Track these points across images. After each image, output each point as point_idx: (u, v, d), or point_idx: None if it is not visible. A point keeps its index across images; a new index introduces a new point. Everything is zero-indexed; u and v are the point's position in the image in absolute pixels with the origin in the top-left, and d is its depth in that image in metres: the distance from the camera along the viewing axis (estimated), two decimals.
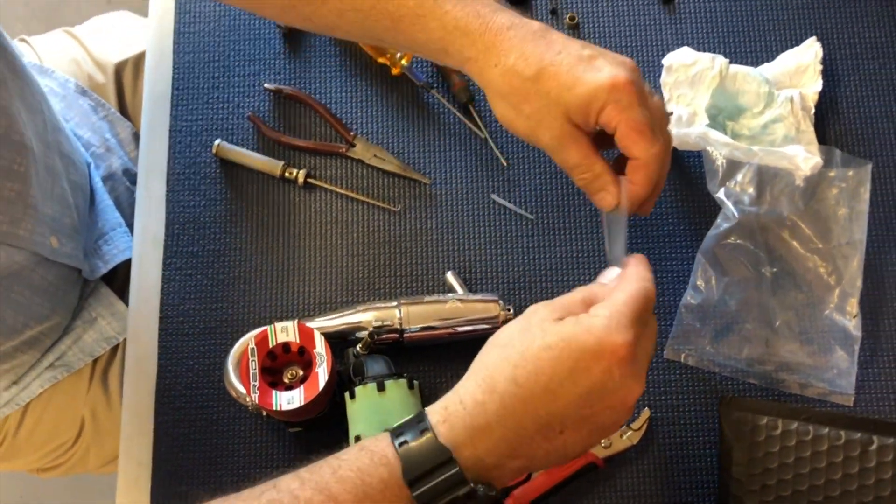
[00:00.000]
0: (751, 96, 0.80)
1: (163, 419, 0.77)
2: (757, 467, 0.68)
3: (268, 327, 0.68)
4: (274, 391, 0.66)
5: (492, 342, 0.58)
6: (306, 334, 0.68)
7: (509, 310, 0.74)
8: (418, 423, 0.54)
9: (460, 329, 0.74)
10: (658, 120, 0.63)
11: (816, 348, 0.76)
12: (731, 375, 0.77)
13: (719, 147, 0.77)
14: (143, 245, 0.82)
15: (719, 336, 0.77)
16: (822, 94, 0.80)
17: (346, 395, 0.69)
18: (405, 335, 0.73)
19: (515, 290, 0.79)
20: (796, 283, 0.78)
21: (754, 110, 0.80)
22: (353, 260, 0.80)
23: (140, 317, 0.80)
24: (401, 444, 0.53)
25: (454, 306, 0.74)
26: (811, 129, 0.78)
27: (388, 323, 0.73)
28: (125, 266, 0.95)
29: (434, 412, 0.55)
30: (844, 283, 0.77)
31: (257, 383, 0.66)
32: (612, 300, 0.55)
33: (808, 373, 0.76)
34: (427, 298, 0.75)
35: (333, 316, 0.74)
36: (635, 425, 0.75)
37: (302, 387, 0.66)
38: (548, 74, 0.61)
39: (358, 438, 0.66)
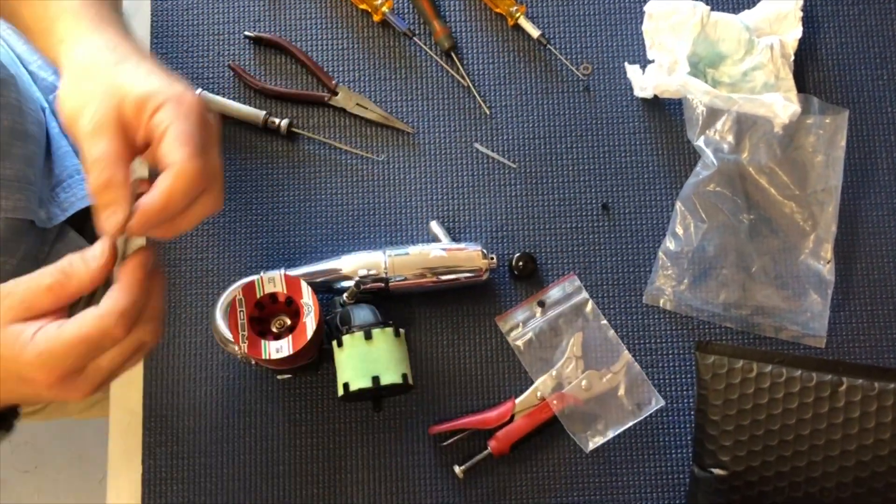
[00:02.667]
0: (731, 43, 0.80)
1: (152, 367, 0.78)
2: (732, 408, 0.70)
3: (255, 278, 0.69)
4: (263, 341, 0.67)
5: None
6: (293, 285, 0.69)
7: (492, 258, 0.76)
8: None
9: (444, 278, 0.75)
10: (213, 146, 0.60)
11: (791, 293, 0.78)
12: (708, 320, 0.79)
13: (699, 95, 0.77)
14: None
15: (697, 281, 0.78)
16: (801, 41, 0.80)
17: (334, 343, 0.70)
18: (390, 284, 0.75)
19: (499, 239, 0.80)
20: (773, 229, 0.79)
21: (734, 58, 0.80)
22: (337, 209, 0.81)
23: None
24: None
25: (438, 256, 0.75)
26: (790, 76, 0.79)
27: (374, 272, 0.74)
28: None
29: None
30: (819, 229, 0.78)
31: (246, 333, 0.67)
32: (56, 336, 0.54)
33: (782, 316, 0.78)
34: (412, 248, 0.76)
35: (319, 265, 0.75)
36: (615, 368, 0.77)
37: (290, 336, 0.67)
38: (125, 68, 0.60)
39: (346, 386, 0.68)
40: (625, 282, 0.80)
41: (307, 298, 0.68)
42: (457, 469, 0.76)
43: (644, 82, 0.80)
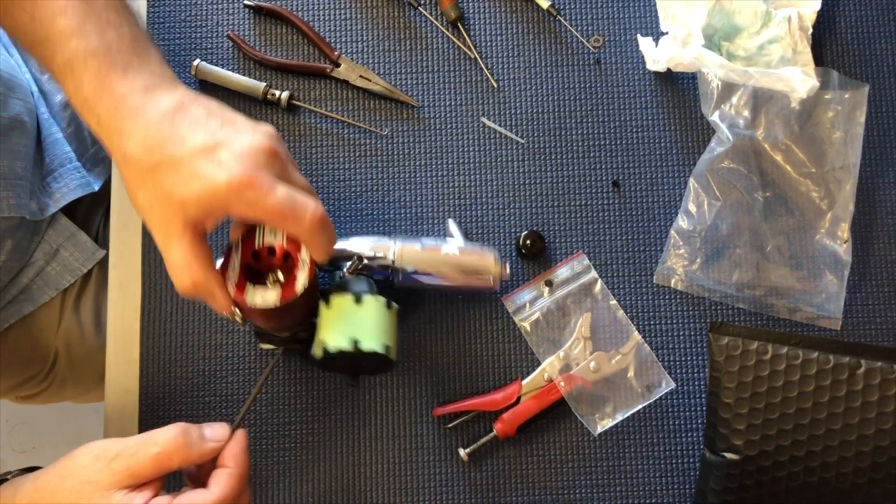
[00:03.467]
0: (747, 15, 0.77)
1: (149, 346, 0.76)
2: (746, 391, 0.68)
3: (257, 226, 0.65)
4: (249, 284, 0.63)
5: (67, 458, 0.60)
6: (294, 241, 0.65)
7: (507, 268, 0.72)
8: None
9: (453, 280, 0.72)
10: (302, 187, 0.60)
11: (806, 273, 0.76)
12: (721, 300, 0.77)
13: (714, 69, 0.75)
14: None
15: (710, 261, 0.76)
16: (820, 14, 0.77)
17: (321, 302, 0.66)
18: (397, 276, 0.71)
19: (506, 216, 0.78)
20: (788, 207, 0.77)
21: (751, 30, 0.78)
22: (339, 184, 0.79)
23: (122, 240, 0.78)
24: None
25: (451, 255, 0.72)
26: (808, 50, 0.76)
27: (381, 256, 0.71)
28: (89, 201, 0.91)
29: None
30: (836, 207, 0.76)
31: (236, 277, 0.63)
32: None
33: (797, 297, 0.76)
34: (425, 241, 0.72)
35: None
36: (624, 349, 0.75)
37: (279, 286, 0.64)
38: (165, 165, 0.57)
39: (325, 349, 0.64)
40: (635, 261, 0.77)
41: (305, 255, 0.64)
42: (462, 451, 0.74)
43: (657, 55, 0.78)
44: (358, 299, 0.65)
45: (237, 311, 0.64)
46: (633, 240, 0.78)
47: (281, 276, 0.66)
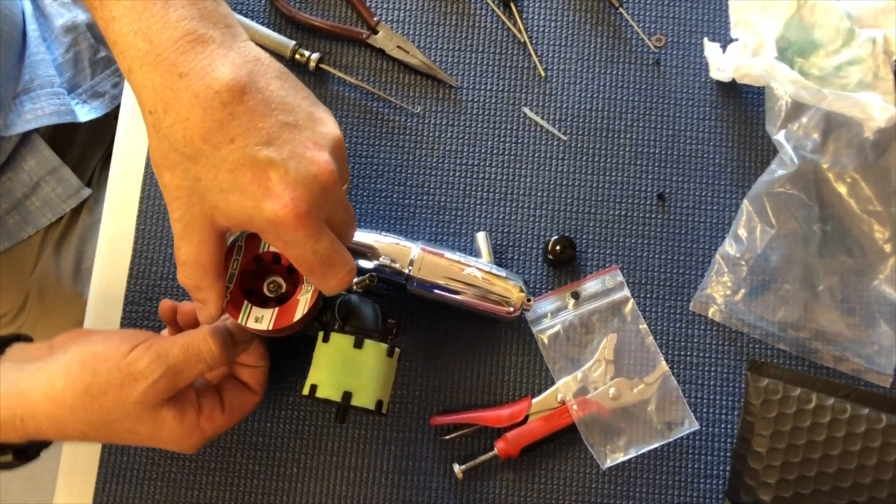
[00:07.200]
0: (828, 31, 0.71)
1: (132, 309, 0.70)
2: (781, 441, 0.61)
3: None
4: (245, 302, 0.57)
5: (87, 372, 0.56)
6: None
7: (530, 300, 0.66)
8: None
9: (470, 300, 0.65)
10: (343, 234, 0.53)
11: (858, 320, 0.69)
12: (761, 338, 0.69)
13: (786, 84, 0.68)
14: (130, 121, 0.74)
15: (754, 293, 0.69)
16: None
17: (321, 334, 0.60)
18: (411, 283, 0.65)
19: (536, 217, 0.71)
20: (847, 245, 0.70)
21: (829, 48, 0.71)
22: (360, 161, 0.72)
23: (119, 193, 0.72)
24: None
25: (473, 276, 0.65)
26: (891, 76, 0.70)
27: (398, 265, 0.64)
28: (86, 139, 0.87)
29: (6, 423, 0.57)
30: None
31: (231, 286, 0.57)
32: (224, 425, 0.60)
33: (845, 345, 0.69)
34: (448, 254, 0.65)
35: None
36: (648, 379, 0.68)
37: (276, 310, 0.57)
38: (205, 161, 0.48)
39: (314, 387, 0.58)
40: (672, 283, 0.70)
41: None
42: (456, 468, 0.67)
43: (723, 63, 0.71)
44: (359, 343, 0.58)
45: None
46: (672, 260, 0.71)
47: (282, 284, 0.60)
